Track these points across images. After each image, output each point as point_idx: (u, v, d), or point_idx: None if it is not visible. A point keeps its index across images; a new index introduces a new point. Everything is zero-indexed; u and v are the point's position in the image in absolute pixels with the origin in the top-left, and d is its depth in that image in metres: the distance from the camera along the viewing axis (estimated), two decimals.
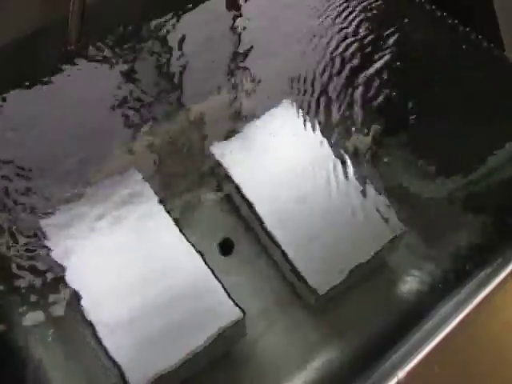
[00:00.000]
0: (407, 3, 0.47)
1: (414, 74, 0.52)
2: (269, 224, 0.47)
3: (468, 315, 0.26)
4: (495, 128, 0.43)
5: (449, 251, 0.52)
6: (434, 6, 0.46)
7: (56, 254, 0.44)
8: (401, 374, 0.21)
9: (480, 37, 0.44)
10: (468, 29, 0.44)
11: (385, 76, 0.53)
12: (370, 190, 0.48)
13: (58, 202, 0.47)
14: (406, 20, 0.49)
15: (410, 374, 0.21)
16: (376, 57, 0.52)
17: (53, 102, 0.47)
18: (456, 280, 0.46)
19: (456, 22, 0.44)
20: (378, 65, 0.52)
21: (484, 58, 0.44)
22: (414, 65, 0.50)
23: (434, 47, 0.47)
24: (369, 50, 0.52)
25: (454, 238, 0.52)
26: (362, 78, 0.53)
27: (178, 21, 0.51)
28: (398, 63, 0.51)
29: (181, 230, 0.45)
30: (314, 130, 0.51)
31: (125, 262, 0.44)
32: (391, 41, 0.51)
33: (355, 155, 0.56)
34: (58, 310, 0.45)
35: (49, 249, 0.43)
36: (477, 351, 0.25)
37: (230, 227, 0.51)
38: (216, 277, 0.43)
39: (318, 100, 0.55)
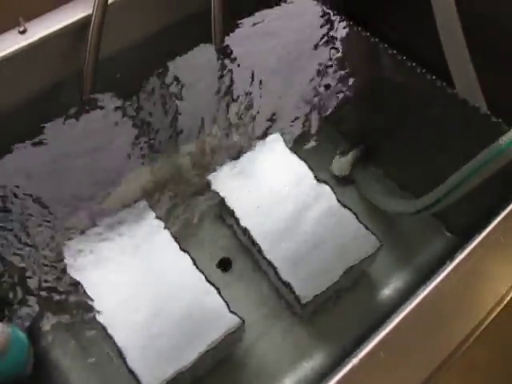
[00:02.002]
0: (373, 49, 0.55)
1: (384, 109, 0.59)
2: (261, 243, 0.53)
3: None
4: (452, 152, 0.49)
5: (421, 261, 0.58)
6: (395, 51, 0.53)
7: (75, 274, 0.50)
8: (355, 360, 0.28)
9: (434, 77, 0.52)
10: (424, 70, 0.51)
11: (360, 110, 0.61)
12: (349, 210, 0.54)
13: (76, 230, 0.53)
14: (375, 63, 0.56)
15: (361, 360, 0.28)
16: (351, 93, 0.60)
17: (70, 144, 0.54)
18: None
19: (414, 64, 0.52)
20: (353, 100, 0.60)
21: (439, 95, 0.51)
22: (383, 102, 0.58)
23: (399, 87, 0.55)
24: (344, 87, 0.59)
25: (425, 250, 0.59)
26: (338, 111, 0.61)
27: (172, 67, 0.58)
28: (371, 100, 0.58)
29: (184, 251, 0.51)
30: (298, 158, 0.58)
31: (136, 280, 0.50)
32: (365, 81, 0.58)
33: (336, 179, 0.63)
34: (77, 322, 0.50)
35: (69, 269, 0.50)
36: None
37: (228, 247, 0.57)
38: (217, 290, 0.49)
39: (302, 132, 0.62)
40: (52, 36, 0.50)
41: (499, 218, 0.35)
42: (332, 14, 0.59)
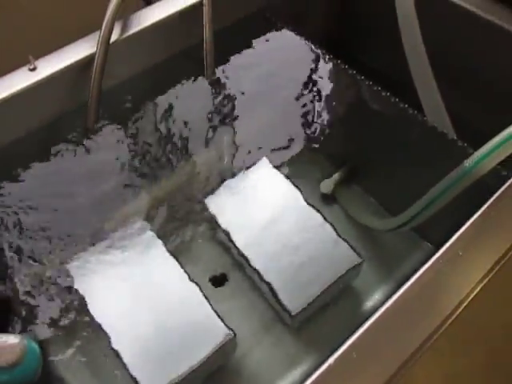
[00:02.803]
0: (352, 80, 0.60)
1: (364, 134, 0.65)
2: (252, 259, 0.57)
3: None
4: (425, 173, 0.54)
5: (403, 273, 0.62)
6: (371, 82, 0.58)
7: (78, 290, 0.53)
8: (331, 360, 0.32)
9: (407, 105, 0.57)
10: (398, 99, 0.56)
11: (343, 135, 0.66)
12: (333, 228, 0.59)
13: (81, 249, 0.57)
14: (353, 92, 0.61)
15: (336, 360, 0.32)
16: (333, 119, 0.65)
17: (73, 169, 0.58)
18: None
19: (388, 94, 0.57)
20: (335, 125, 0.65)
21: (411, 121, 0.56)
22: (363, 128, 0.63)
23: (376, 115, 0.60)
24: (327, 114, 0.65)
25: (405, 262, 0.63)
26: (323, 136, 0.66)
27: (167, 97, 0.63)
28: (352, 126, 0.64)
29: (180, 266, 0.55)
30: (285, 179, 0.63)
31: (136, 294, 0.53)
32: (345, 108, 0.64)
33: (322, 197, 0.68)
34: (80, 333, 0.53)
35: (72, 286, 0.53)
36: None
37: (222, 263, 0.61)
38: (210, 304, 0.52)
39: (289, 155, 0.66)
40: (59, 72, 0.54)
41: (458, 234, 0.39)
42: (314, 47, 0.64)
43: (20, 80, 0.53)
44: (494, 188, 0.45)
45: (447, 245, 0.38)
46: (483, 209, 0.42)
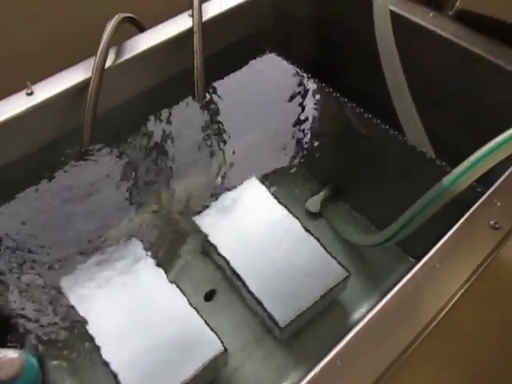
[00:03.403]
0: (335, 102, 0.63)
1: (348, 153, 0.68)
2: (242, 274, 0.59)
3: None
4: (406, 190, 0.57)
5: (388, 287, 0.64)
6: (354, 104, 0.61)
7: (73, 306, 0.55)
8: (317, 368, 0.34)
9: (388, 127, 0.60)
10: (379, 121, 0.59)
11: (328, 154, 0.69)
12: (320, 243, 0.61)
13: (74, 266, 0.58)
14: (338, 114, 0.65)
15: (322, 368, 0.34)
16: (319, 140, 0.68)
17: (68, 191, 0.60)
18: None
19: (370, 116, 0.60)
20: (321, 145, 0.68)
21: (392, 142, 0.59)
22: (348, 147, 0.67)
23: (360, 135, 0.63)
24: (313, 135, 0.68)
25: (390, 276, 0.65)
26: (309, 155, 0.68)
27: (160, 120, 0.65)
28: (337, 145, 0.67)
29: (172, 282, 0.56)
30: (273, 197, 0.65)
31: (128, 309, 0.55)
32: (330, 129, 0.67)
33: (309, 215, 0.70)
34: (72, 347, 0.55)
35: (66, 302, 0.55)
36: None
37: (212, 279, 0.63)
38: (202, 319, 0.54)
39: (277, 174, 0.69)
40: (56, 97, 0.57)
41: (435, 248, 0.42)
42: (299, 70, 0.68)
43: (18, 104, 0.55)
44: (470, 203, 0.47)
45: (425, 258, 0.41)
46: (459, 223, 0.44)
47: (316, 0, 0.73)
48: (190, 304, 0.55)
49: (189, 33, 0.62)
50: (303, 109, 0.70)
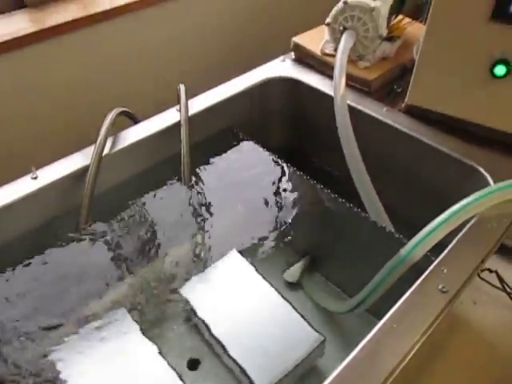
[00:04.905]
0: (307, 185, 0.73)
1: (321, 229, 0.76)
2: (223, 341, 0.63)
3: None
4: (371, 262, 0.63)
5: None
6: (322, 186, 0.71)
7: (62, 376, 0.58)
8: None
9: (351, 205, 0.68)
10: (344, 200, 0.68)
11: (305, 229, 0.77)
12: (297, 311, 0.66)
13: (63, 336, 0.62)
14: (310, 195, 0.74)
15: None
16: (295, 217, 0.76)
17: (64, 266, 0.65)
18: None
19: (336, 196, 0.69)
20: (298, 222, 0.76)
21: (356, 218, 0.67)
22: (320, 224, 0.75)
23: (330, 213, 0.71)
24: (289, 214, 0.77)
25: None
26: (287, 231, 0.76)
27: (149, 201, 0.72)
28: (312, 222, 0.75)
29: (159, 352, 0.60)
30: (253, 269, 0.71)
31: (116, 377, 0.58)
32: (304, 208, 0.76)
33: (286, 284, 0.76)
34: None
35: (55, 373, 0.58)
36: None
37: (196, 348, 0.67)
38: None
39: (257, 248, 0.76)
40: (58, 181, 0.63)
41: (392, 310, 0.48)
42: (274, 157, 0.77)
43: (23, 187, 0.62)
44: (422, 270, 0.54)
45: (384, 319, 0.47)
46: (412, 288, 0.51)
47: (287, 97, 0.85)
48: (176, 372, 0.59)
49: (177, 125, 0.71)
50: (278, 189, 0.78)
